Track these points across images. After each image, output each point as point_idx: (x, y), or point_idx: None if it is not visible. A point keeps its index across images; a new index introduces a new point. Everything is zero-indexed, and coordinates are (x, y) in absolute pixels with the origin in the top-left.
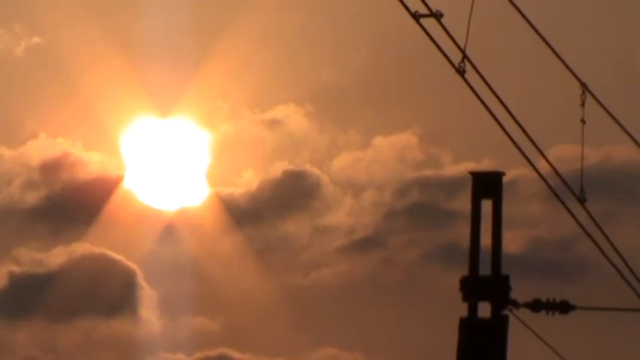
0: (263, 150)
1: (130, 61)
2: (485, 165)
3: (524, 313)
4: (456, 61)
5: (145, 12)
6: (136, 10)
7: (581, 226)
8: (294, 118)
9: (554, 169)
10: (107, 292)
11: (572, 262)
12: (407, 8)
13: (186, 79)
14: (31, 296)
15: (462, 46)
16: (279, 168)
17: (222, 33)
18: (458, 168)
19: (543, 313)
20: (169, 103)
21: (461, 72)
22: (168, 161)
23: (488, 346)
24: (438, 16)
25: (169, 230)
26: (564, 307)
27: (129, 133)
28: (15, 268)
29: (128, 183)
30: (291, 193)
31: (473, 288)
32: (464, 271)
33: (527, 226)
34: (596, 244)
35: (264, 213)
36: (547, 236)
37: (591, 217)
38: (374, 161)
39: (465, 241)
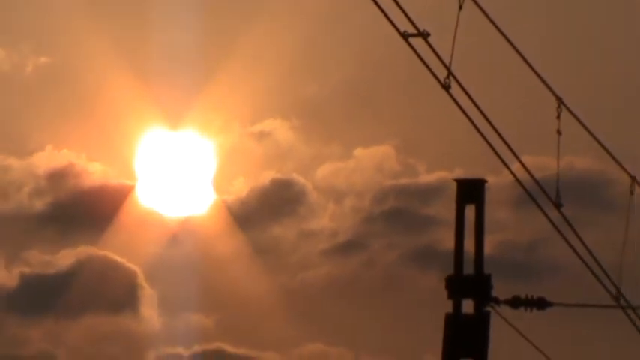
0: (252, 160)
1: (139, 78)
2: (457, 174)
3: (505, 310)
4: (441, 78)
5: (153, 31)
6: (144, 29)
7: (556, 228)
8: (280, 131)
9: (532, 176)
10: (111, 292)
11: (544, 262)
12: (396, 28)
13: (192, 95)
14: (41, 295)
15: (448, 63)
16: (267, 177)
17: (223, 54)
18: (432, 177)
19: (522, 309)
20: (178, 116)
21: (446, 87)
22: (175, 170)
23: (471, 340)
24: (425, 35)
25: (169, 234)
26: (541, 304)
27: (139, 144)
28: (26, 269)
29: (134, 190)
30: (279, 200)
31: (457, 286)
32: (438, 271)
33: (498, 230)
34: (570, 245)
35: (253, 218)
36: (517, 239)
37: (566, 220)
38: (354, 171)
39: (439, 244)
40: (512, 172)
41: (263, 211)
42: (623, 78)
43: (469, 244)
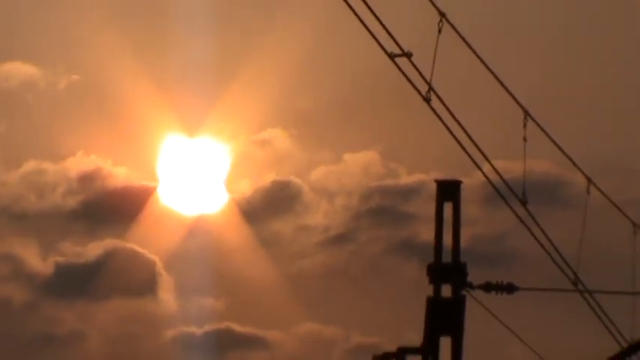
0: (256, 164)
1: (160, 91)
2: (434, 176)
3: (478, 294)
4: (422, 92)
5: (173, 49)
6: (165, 48)
7: (522, 222)
8: (280, 139)
9: (501, 177)
10: (134, 279)
11: (512, 252)
12: (384, 49)
13: (207, 107)
14: (73, 281)
15: (428, 80)
16: (269, 179)
17: (233, 72)
18: (411, 178)
19: (493, 293)
20: (195, 125)
21: (427, 100)
22: (192, 173)
23: (449, 320)
24: (408, 55)
25: (185, 229)
26: (510, 288)
27: (160, 149)
28: (60, 259)
29: (156, 191)
30: (279, 199)
31: (437, 273)
32: (418, 260)
33: (471, 224)
34: (534, 237)
35: (257, 214)
36: (488, 232)
37: (531, 215)
38: (344, 173)
39: (418, 237)
40: (484, 174)
41: (265, 208)
42: (582, 92)
43: (447, 237)
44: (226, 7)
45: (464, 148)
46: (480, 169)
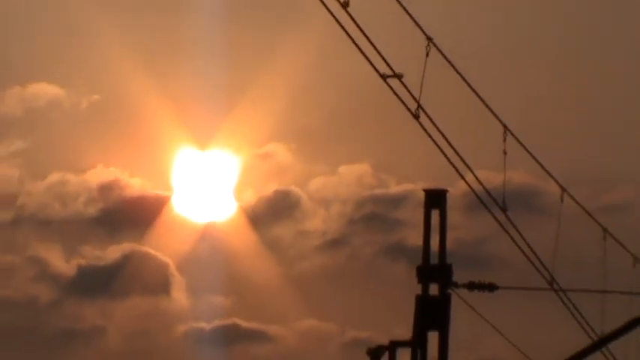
0: (260, 175)
1: (173, 108)
2: (421, 186)
3: (462, 292)
4: (412, 109)
5: (185, 70)
6: (178, 68)
7: (502, 227)
8: (281, 152)
9: (483, 186)
10: (149, 279)
11: (493, 254)
12: (377, 70)
13: (217, 123)
14: (94, 281)
15: (417, 98)
16: (271, 188)
17: (240, 91)
18: (400, 188)
19: (476, 291)
20: (206, 139)
21: (416, 117)
22: (203, 183)
23: (436, 316)
24: (399, 76)
25: (197, 235)
26: (491, 287)
27: (173, 162)
28: (82, 261)
29: (170, 200)
30: (281, 207)
31: (425, 273)
32: (407, 262)
33: (456, 229)
34: (514, 241)
35: (261, 221)
36: (472, 236)
37: (510, 221)
38: (339, 184)
39: (406, 241)
40: (467, 184)
41: (269, 215)
42: (556, 109)
43: (433, 241)
44: (235, 33)
45: (449, 160)
46: (463, 179)
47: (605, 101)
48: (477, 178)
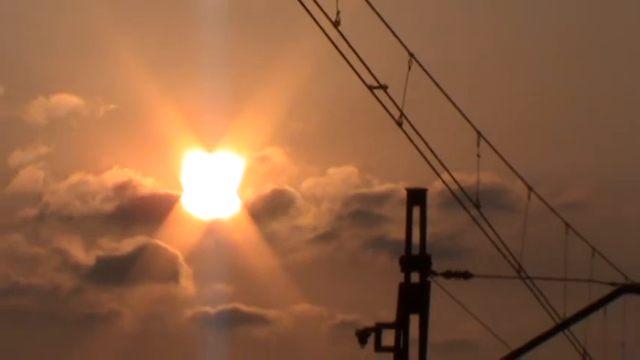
0: (258, 175)
1: (183, 115)
2: (402, 185)
3: (440, 280)
4: (395, 117)
5: (194, 80)
6: (187, 79)
7: (476, 221)
8: (277, 155)
9: (459, 185)
10: (160, 268)
11: (467, 246)
12: (364, 82)
13: (222, 128)
14: (111, 271)
15: (400, 107)
16: (268, 187)
17: (243, 101)
18: (383, 187)
19: (453, 279)
20: (213, 142)
21: (399, 124)
22: (210, 183)
23: (417, 301)
24: (384, 87)
25: (204, 229)
26: (466, 275)
27: (183, 163)
28: (99, 252)
29: (180, 198)
30: (277, 204)
31: (407, 263)
32: (389, 253)
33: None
34: (486, 234)
35: (259, 217)
36: (448, 230)
37: (483, 216)
38: (329, 183)
39: (389, 234)
40: (445, 183)
41: (266, 211)
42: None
43: (415, 234)
44: (239, 50)
45: (429, 163)
46: (441, 179)
47: (567, 110)
48: (453, 179)
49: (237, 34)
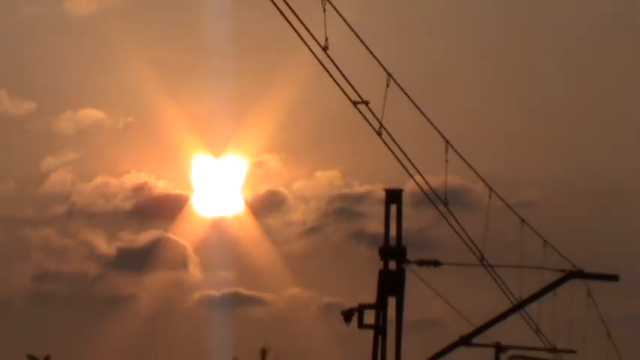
0: (256, 178)
1: (193, 124)
2: (379, 186)
3: (414, 267)
4: (376, 128)
5: (203, 93)
6: (198, 92)
7: (444, 217)
8: (272, 160)
9: (430, 186)
10: (172, 258)
11: (437, 238)
12: (349, 98)
13: (228, 136)
14: (129, 259)
15: (380, 119)
16: (264, 188)
17: (245, 113)
18: (362, 188)
19: (424, 267)
20: (219, 148)
21: (379, 134)
22: (217, 184)
23: (394, 286)
24: (366, 102)
25: (211, 225)
26: (436, 263)
27: (193, 167)
28: (120, 244)
29: (190, 199)
30: (272, 203)
31: (386, 253)
32: (368, 244)
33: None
34: (453, 228)
35: (258, 213)
36: (420, 224)
37: (450, 212)
38: (316, 185)
39: (367, 228)
40: (418, 184)
41: (263, 209)
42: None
43: (392, 228)
44: (240, 72)
45: (404, 167)
46: (415, 181)
47: (522, 123)
48: (425, 180)
49: (239, 60)
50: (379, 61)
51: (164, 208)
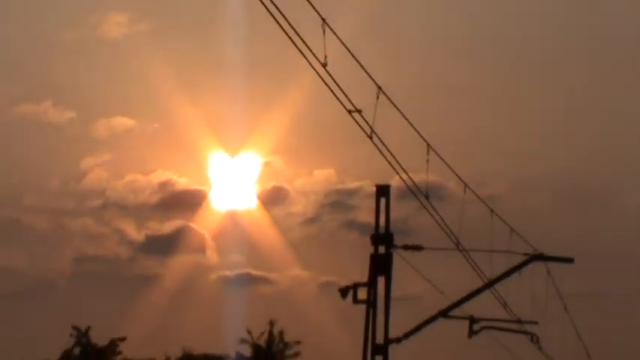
0: (264, 176)
1: (211, 127)
2: (368, 183)
3: (400, 251)
4: (367, 133)
5: (221, 99)
6: (216, 99)
7: (426, 208)
8: (277, 160)
9: (414, 182)
10: (192, 244)
11: (419, 225)
12: (345, 107)
13: (243, 138)
14: (156, 245)
15: (371, 124)
16: (270, 184)
17: (257, 119)
18: (354, 184)
19: (409, 251)
20: (235, 148)
21: (370, 137)
22: (233, 180)
23: (383, 267)
24: (359, 111)
25: (226, 217)
26: (419, 248)
27: (211, 165)
28: (148, 231)
29: (209, 194)
30: (276, 196)
31: (376, 239)
32: (359, 232)
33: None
34: (433, 217)
35: (264, 206)
36: (405, 214)
37: (431, 204)
38: (314, 182)
39: (358, 218)
40: (404, 180)
41: (269, 202)
42: (461, 134)
43: (381, 218)
44: (252, 86)
45: (392, 166)
46: (401, 177)
47: (490, 129)
48: (409, 177)
49: (252, 75)
50: (370, 76)
51: (186, 202)
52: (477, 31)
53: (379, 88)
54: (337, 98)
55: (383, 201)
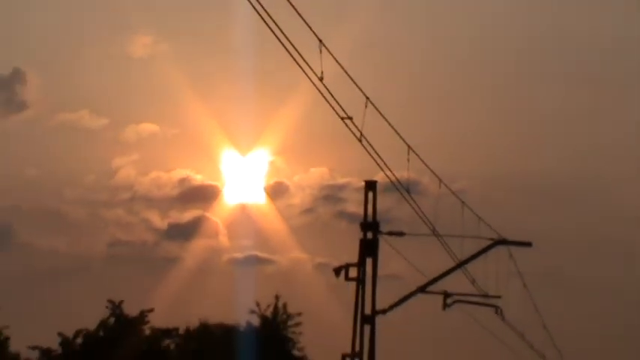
0: (270, 173)
1: (224, 128)
2: (357, 179)
3: (385, 237)
4: (357, 135)
5: (232, 103)
6: (228, 102)
7: (407, 200)
8: (278, 160)
9: (397, 179)
10: (207, 231)
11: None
12: (338, 114)
13: (253, 139)
14: (178, 232)
15: (360, 128)
16: (272, 180)
17: (265, 122)
18: (344, 180)
19: (393, 236)
20: (246, 147)
21: (360, 140)
22: (245, 177)
23: (371, 250)
24: (350, 118)
25: (237, 210)
26: (401, 234)
27: (224, 163)
28: (170, 220)
29: (223, 189)
30: (279, 191)
31: (365, 226)
32: (349, 221)
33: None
34: (413, 207)
35: (271, 199)
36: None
37: (411, 197)
38: (310, 178)
39: (347, 209)
40: (388, 177)
41: (273, 195)
42: (439, 136)
43: (368, 208)
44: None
45: (379, 165)
46: (386, 174)
47: (460, 133)
48: (392, 174)
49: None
50: (360, 88)
51: (202, 195)
52: (453, 49)
53: (367, 98)
54: (332, 107)
55: (371, 194)
